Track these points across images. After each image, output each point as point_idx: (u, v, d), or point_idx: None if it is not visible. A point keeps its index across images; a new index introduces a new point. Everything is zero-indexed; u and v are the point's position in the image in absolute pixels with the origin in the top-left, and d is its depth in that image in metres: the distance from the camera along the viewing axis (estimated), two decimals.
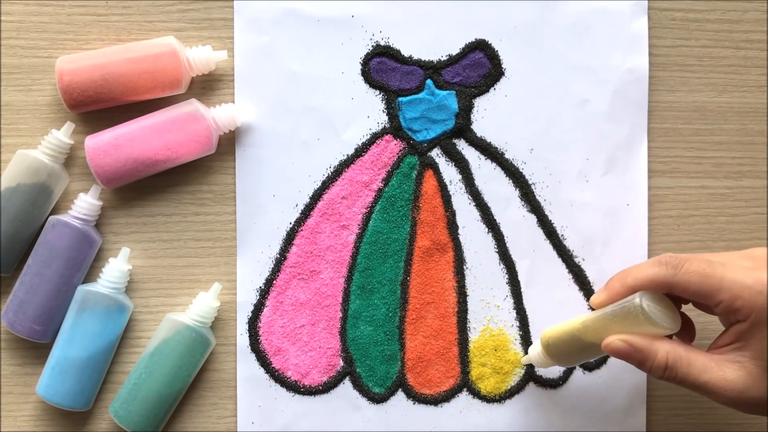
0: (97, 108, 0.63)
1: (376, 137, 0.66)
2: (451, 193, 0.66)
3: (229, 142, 0.65)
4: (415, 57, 0.66)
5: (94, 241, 0.63)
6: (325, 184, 0.66)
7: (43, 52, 0.65)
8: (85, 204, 0.63)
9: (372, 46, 0.65)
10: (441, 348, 0.66)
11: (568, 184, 0.66)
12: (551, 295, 0.66)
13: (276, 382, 0.66)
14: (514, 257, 0.66)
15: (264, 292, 0.66)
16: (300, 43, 0.65)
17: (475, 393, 0.66)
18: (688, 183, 0.67)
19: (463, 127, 0.66)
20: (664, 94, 0.67)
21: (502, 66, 0.66)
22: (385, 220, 0.66)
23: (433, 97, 0.66)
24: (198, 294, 0.64)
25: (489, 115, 0.66)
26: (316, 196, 0.66)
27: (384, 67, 0.65)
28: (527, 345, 0.66)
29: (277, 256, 0.65)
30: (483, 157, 0.66)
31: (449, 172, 0.66)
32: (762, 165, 0.68)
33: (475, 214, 0.66)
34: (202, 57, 0.63)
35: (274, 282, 0.66)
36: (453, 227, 0.66)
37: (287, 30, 0.65)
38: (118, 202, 0.65)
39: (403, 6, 0.65)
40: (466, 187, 0.66)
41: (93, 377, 0.63)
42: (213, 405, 0.66)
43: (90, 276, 0.65)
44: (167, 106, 0.64)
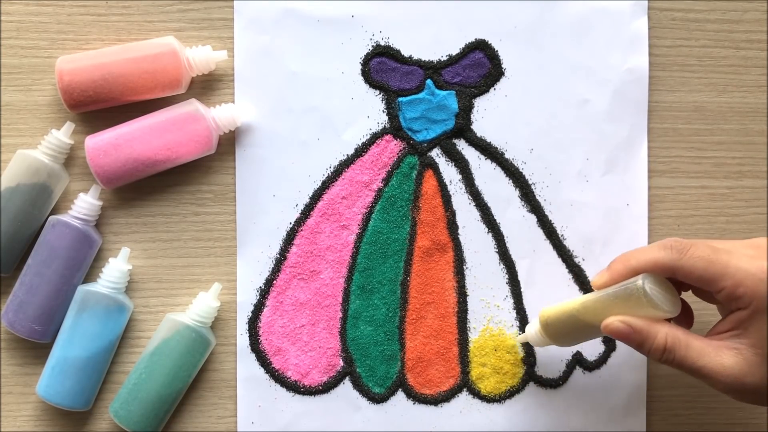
0: (97, 108, 0.63)
1: (376, 137, 0.66)
2: (451, 193, 0.66)
3: (229, 142, 0.65)
4: (415, 57, 0.66)
5: (94, 241, 0.63)
6: (325, 184, 0.66)
7: (43, 52, 0.65)
8: (85, 204, 0.63)
9: (372, 46, 0.65)
10: (441, 348, 0.66)
11: (568, 184, 0.66)
12: (551, 295, 0.66)
13: (276, 382, 0.66)
14: (514, 257, 0.66)
15: (264, 292, 0.66)
16: (300, 43, 0.65)
17: (475, 393, 0.66)
18: (688, 183, 0.67)
19: (463, 127, 0.66)
20: (664, 94, 0.67)
21: (502, 66, 0.66)
22: (385, 220, 0.66)
23: (433, 97, 0.66)
24: (198, 294, 0.64)
25: (489, 115, 0.66)
26: (316, 196, 0.66)
27: (384, 67, 0.65)
28: (527, 345, 0.66)
29: (277, 256, 0.65)
30: (483, 157, 0.66)
31: (449, 172, 0.66)
32: (762, 165, 0.68)
33: (475, 214, 0.66)
34: (202, 57, 0.63)
35: (274, 282, 0.66)
36: (453, 227, 0.66)
37: (287, 30, 0.65)
38: (118, 202, 0.65)
39: (403, 6, 0.65)
40: (466, 187, 0.66)
41: (93, 377, 0.63)
42: (213, 405, 0.66)
43: (90, 276, 0.65)
44: (167, 106, 0.64)
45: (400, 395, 0.66)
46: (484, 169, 0.66)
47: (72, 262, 0.63)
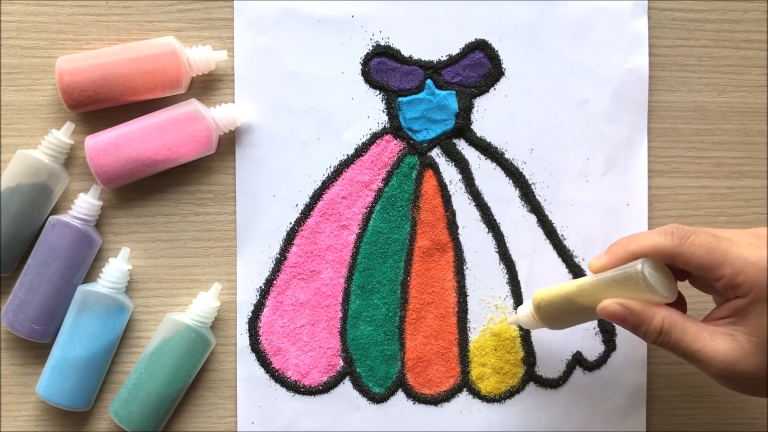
0: (97, 108, 0.63)
1: (376, 137, 0.66)
2: (451, 193, 0.66)
3: (229, 142, 0.65)
4: (415, 57, 0.66)
5: (94, 241, 0.63)
6: (325, 184, 0.66)
7: (43, 52, 0.65)
8: (85, 204, 0.63)
9: (372, 46, 0.65)
10: (441, 348, 0.66)
11: (568, 184, 0.66)
12: None
13: (276, 382, 0.66)
14: (514, 257, 0.66)
15: (264, 292, 0.66)
16: (300, 43, 0.65)
17: (475, 393, 0.66)
18: (688, 183, 0.67)
19: (463, 127, 0.66)
20: (664, 94, 0.67)
21: (502, 66, 0.66)
22: (385, 220, 0.66)
23: (433, 97, 0.66)
24: (198, 294, 0.64)
25: (489, 115, 0.66)
26: (316, 196, 0.66)
27: (384, 67, 0.65)
28: (527, 345, 0.66)
29: (277, 256, 0.65)
30: (483, 157, 0.66)
31: (449, 172, 0.66)
32: (762, 165, 0.68)
33: (475, 214, 0.66)
34: (202, 57, 0.63)
35: (274, 282, 0.66)
36: (453, 227, 0.66)
37: (287, 30, 0.65)
38: (118, 202, 0.65)
39: (403, 6, 0.65)
40: (466, 187, 0.66)
41: (93, 377, 0.63)
42: (213, 405, 0.66)
43: (90, 276, 0.65)
44: (167, 106, 0.64)
45: (400, 395, 0.66)
46: (484, 169, 0.66)
47: (72, 262, 0.63)
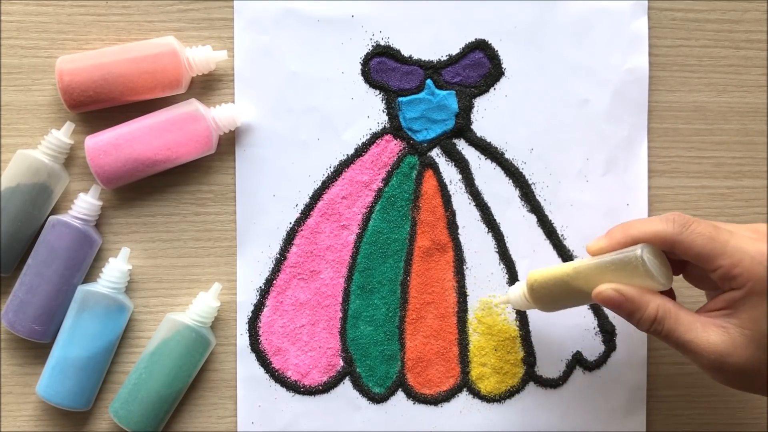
0: (97, 108, 0.63)
1: (376, 137, 0.66)
2: (451, 193, 0.66)
3: (229, 142, 0.65)
4: (415, 57, 0.66)
5: (94, 241, 0.63)
6: (325, 184, 0.66)
7: (43, 52, 0.65)
8: (85, 204, 0.63)
9: (372, 46, 0.65)
10: (441, 348, 0.66)
11: (568, 184, 0.66)
12: None
13: (276, 382, 0.66)
14: (514, 257, 0.66)
15: (264, 292, 0.66)
16: (300, 43, 0.65)
17: (475, 393, 0.66)
18: (688, 183, 0.67)
19: (463, 127, 0.66)
20: (664, 94, 0.67)
21: (502, 66, 0.66)
22: (385, 220, 0.66)
23: (433, 97, 0.66)
24: (198, 294, 0.64)
25: (489, 115, 0.66)
26: (316, 196, 0.66)
27: (384, 67, 0.65)
28: (527, 345, 0.66)
29: (277, 256, 0.65)
30: (483, 157, 0.66)
31: (449, 172, 0.66)
32: (762, 165, 0.68)
33: (475, 214, 0.66)
34: (202, 57, 0.63)
35: (274, 282, 0.66)
36: (453, 227, 0.66)
37: (287, 30, 0.65)
38: (118, 202, 0.65)
39: (403, 6, 0.65)
40: (466, 187, 0.66)
41: (93, 377, 0.63)
42: (213, 405, 0.66)
43: (90, 276, 0.65)
44: (167, 106, 0.64)
45: (400, 395, 0.66)
46: (484, 169, 0.66)
47: (72, 262, 0.63)
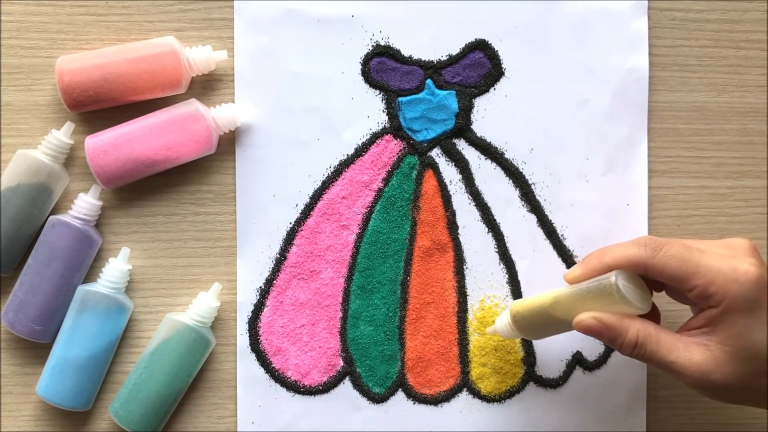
0: (97, 108, 0.63)
1: (376, 137, 0.66)
2: (451, 193, 0.66)
3: (229, 142, 0.65)
4: (415, 57, 0.66)
5: (94, 241, 0.63)
6: (325, 184, 0.66)
7: (43, 52, 0.65)
8: (85, 204, 0.63)
9: (372, 46, 0.65)
10: (441, 348, 0.66)
11: (568, 184, 0.66)
12: None
13: (276, 382, 0.66)
14: (514, 257, 0.66)
15: (264, 292, 0.66)
16: (300, 43, 0.65)
17: (475, 393, 0.66)
18: (688, 183, 0.67)
19: (463, 127, 0.66)
20: (664, 94, 0.67)
21: (502, 66, 0.66)
22: (385, 220, 0.66)
23: (433, 97, 0.66)
24: (198, 294, 0.64)
25: (489, 115, 0.66)
26: (316, 196, 0.66)
27: (384, 67, 0.65)
28: (527, 345, 0.66)
29: (277, 256, 0.65)
30: (483, 157, 0.66)
31: (449, 172, 0.66)
32: (762, 165, 0.68)
33: (475, 214, 0.66)
34: (202, 57, 0.63)
35: (274, 282, 0.66)
36: (453, 227, 0.66)
37: (287, 30, 0.65)
38: (118, 202, 0.65)
39: (403, 6, 0.65)
40: (466, 187, 0.66)
41: (93, 377, 0.63)
42: (213, 405, 0.66)
43: (90, 276, 0.65)
44: (167, 106, 0.64)
45: (400, 395, 0.66)
46: (484, 169, 0.66)
47: (72, 262, 0.63)
